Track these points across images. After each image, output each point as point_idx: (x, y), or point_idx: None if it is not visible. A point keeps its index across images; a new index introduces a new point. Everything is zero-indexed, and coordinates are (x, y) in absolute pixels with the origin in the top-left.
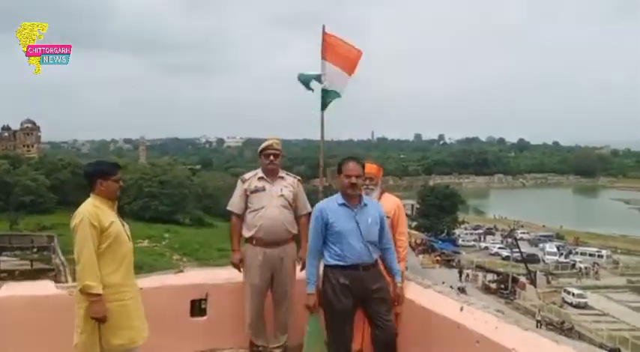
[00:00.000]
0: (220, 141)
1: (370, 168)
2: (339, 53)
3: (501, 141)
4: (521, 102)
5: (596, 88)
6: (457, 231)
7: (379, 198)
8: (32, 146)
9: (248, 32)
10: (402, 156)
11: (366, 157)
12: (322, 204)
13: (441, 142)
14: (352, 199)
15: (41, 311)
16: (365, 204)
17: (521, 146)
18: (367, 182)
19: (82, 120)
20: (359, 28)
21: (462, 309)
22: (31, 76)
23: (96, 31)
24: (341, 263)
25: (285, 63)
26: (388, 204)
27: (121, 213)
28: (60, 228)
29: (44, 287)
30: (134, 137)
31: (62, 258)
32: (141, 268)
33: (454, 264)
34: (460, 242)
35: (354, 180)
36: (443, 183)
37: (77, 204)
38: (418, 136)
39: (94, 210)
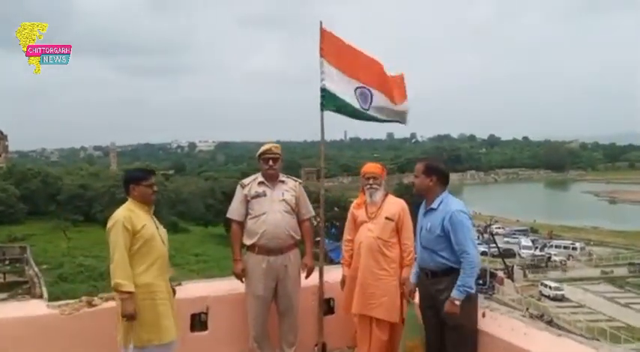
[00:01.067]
0: (192, 145)
1: (374, 167)
2: (338, 53)
3: (472, 137)
4: (491, 99)
5: (565, 84)
6: None
7: (383, 200)
8: (0, 156)
9: (217, 33)
10: (375, 155)
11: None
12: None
13: (413, 141)
14: (427, 201)
15: (32, 331)
16: (433, 209)
17: (492, 142)
18: (370, 181)
19: (49, 128)
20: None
21: (484, 315)
22: None
23: (59, 32)
24: (417, 262)
25: (257, 64)
26: (392, 207)
27: (95, 220)
28: (32, 238)
29: (35, 307)
30: (104, 144)
31: (36, 269)
32: None
33: None
34: None
35: (413, 178)
36: None
37: (48, 214)
38: (390, 135)
39: (127, 214)
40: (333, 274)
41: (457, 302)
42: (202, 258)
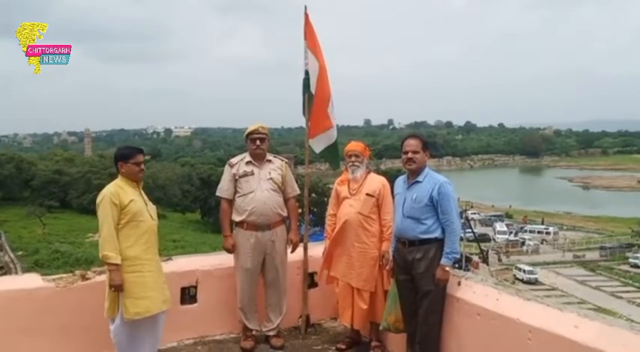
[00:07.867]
0: (168, 131)
1: (356, 145)
2: (315, 41)
3: (449, 124)
4: (467, 86)
5: (539, 71)
6: None
7: (365, 178)
8: None
9: (193, 20)
10: (352, 141)
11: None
12: (399, 177)
13: (391, 127)
14: (410, 174)
15: (29, 303)
16: (419, 181)
17: (468, 128)
18: (352, 159)
19: (22, 113)
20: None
21: (459, 283)
22: None
23: (33, 18)
24: (395, 234)
25: (231, 51)
26: (373, 184)
27: (70, 207)
28: (6, 224)
29: (30, 281)
30: (78, 129)
31: (12, 255)
32: (91, 263)
33: None
34: None
35: (410, 155)
36: (394, 167)
37: (22, 200)
38: (368, 122)
39: (115, 190)
40: (317, 250)
41: (447, 269)
42: (180, 243)
